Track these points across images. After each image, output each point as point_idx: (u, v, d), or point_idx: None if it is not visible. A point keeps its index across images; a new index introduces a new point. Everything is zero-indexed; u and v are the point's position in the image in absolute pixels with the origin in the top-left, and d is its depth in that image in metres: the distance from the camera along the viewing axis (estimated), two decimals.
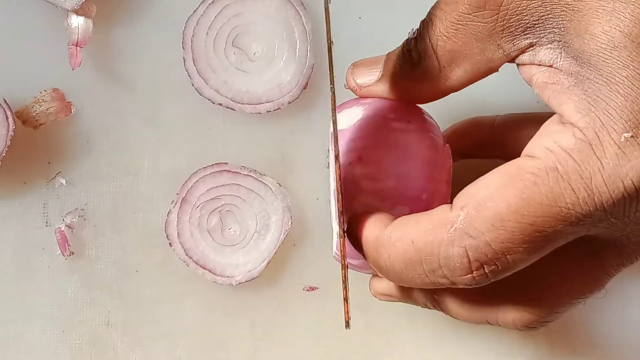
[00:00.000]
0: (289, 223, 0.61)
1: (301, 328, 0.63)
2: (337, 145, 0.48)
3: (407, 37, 0.50)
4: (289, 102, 0.62)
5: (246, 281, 0.61)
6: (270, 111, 0.62)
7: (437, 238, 0.44)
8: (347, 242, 0.50)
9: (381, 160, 0.51)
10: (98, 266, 0.62)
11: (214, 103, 0.62)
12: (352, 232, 0.50)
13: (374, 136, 0.52)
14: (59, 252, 0.61)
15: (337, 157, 0.48)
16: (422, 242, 0.45)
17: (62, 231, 0.61)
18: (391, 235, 0.47)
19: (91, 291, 0.62)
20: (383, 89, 0.52)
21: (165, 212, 0.61)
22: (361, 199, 0.50)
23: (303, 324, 0.63)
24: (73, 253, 0.61)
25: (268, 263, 0.61)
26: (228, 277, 0.61)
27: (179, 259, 0.61)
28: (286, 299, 0.63)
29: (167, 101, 0.62)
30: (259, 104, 0.62)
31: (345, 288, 0.47)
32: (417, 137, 0.51)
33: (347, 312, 0.47)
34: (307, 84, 0.62)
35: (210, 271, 0.61)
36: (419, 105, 0.53)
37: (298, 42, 0.62)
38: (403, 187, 0.50)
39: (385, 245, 0.47)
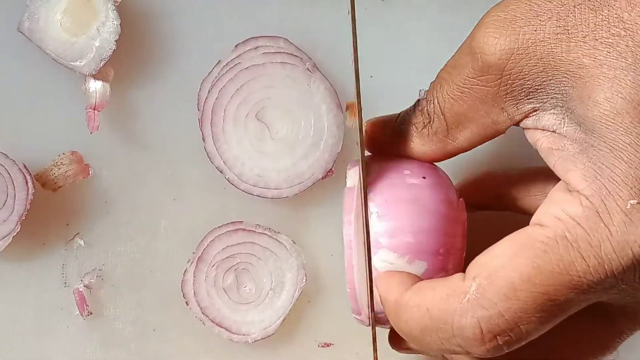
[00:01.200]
0: (304, 280, 0.62)
1: None
2: (366, 199, 0.49)
3: (417, 98, 0.51)
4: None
5: (262, 339, 0.61)
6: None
7: (450, 307, 0.45)
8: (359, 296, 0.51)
9: (399, 216, 0.52)
10: (116, 326, 0.63)
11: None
12: (378, 291, 0.50)
13: (391, 192, 0.52)
14: (78, 312, 0.62)
15: (365, 210, 0.49)
16: (437, 311, 0.45)
17: (81, 292, 0.62)
18: (409, 301, 0.47)
19: (110, 350, 0.63)
20: (396, 147, 0.53)
21: (182, 270, 0.62)
22: (380, 255, 0.51)
23: None
24: (91, 313, 0.62)
25: (283, 320, 0.62)
26: (244, 334, 0.62)
27: (196, 317, 0.62)
28: (302, 355, 0.63)
29: (183, 161, 0.64)
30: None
31: (374, 341, 0.48)
32: (432, 192, 0.52)
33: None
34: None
35: (226, 329, 0.62)
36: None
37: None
38: (421, 243, 0.51)
39: (404, 310, 0.47)
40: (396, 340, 0.57)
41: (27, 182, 0.60)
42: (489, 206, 0.61)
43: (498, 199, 0.59)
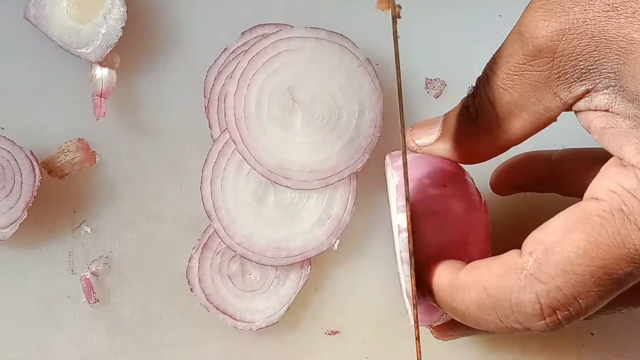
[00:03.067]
0: (309, 268, 0.62)
1: None
2: (408, 189, 0.49)
3: (465, 95, 0.51)
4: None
5: (266, 326, 0.61)
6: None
7: (508, 284, 0.45)
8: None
9: (420, 230, 0.52)
10: (123, 313, 0.63)
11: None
12: (421, 279, 0.50)
13: (412, 205, 0.53)
14: (84, 299, 0.62)
15: (407, 200, 0.49)
16: (494, 288, 0.46)
17: (88, 279, 0.62)
18: (464, 280, 0.47)
19: (116, 338, 0.63)
20: (442, 147, 0.53)
21: (188, 258, 0.62)
22: (404, 269, 0.51)
23: None
24: (98, 300, 0.62)
25: (288, 308, 0.62)
26: (248, 322, 0.62)
27: (200, 304, 0.62)
28: (308, 343, 0.63)
29: (189, 149, 0.64)
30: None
31: (417, 327, 0.48)
32: (453, 201, 0.52)
33: (419, 352, 0.48)
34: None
35: (230, 316, 0.62)
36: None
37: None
38: (444, 254, 0.51)
39: (459, 290, 0.47)
40: (438, 327, 0.57)
41: (34, 169, 0.60)
42: (532, 188, 0.60)
43: (541, 180, 0.59)
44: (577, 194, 0.54)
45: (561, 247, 0.43)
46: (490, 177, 0.61)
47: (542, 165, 0.59)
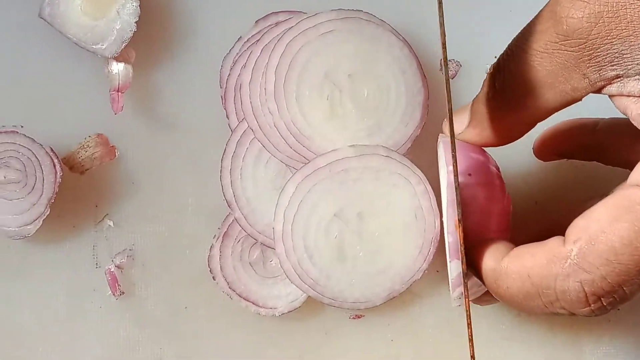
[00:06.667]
0: None
1: (349, 356, 0.63)
2: (456, 166, 0.49)
3: (486, 74, 0.51)
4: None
5: (289, 312, 0.62)
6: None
7: (552, 272, 0.45)
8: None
9: (444, 217, 0.53)
10: (148, 304, 0.63)
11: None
12: (471, 263, 0.51)
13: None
14: (110, 292, 0.63)
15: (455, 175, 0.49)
16: (538, 276, 0.46)
17: (112, 272, 0.63)
18: (508, 268, 0.48)
19: (143, 329, 0.63)
20: (473, 133, 0.53)
21: (209, 247, 0.62)
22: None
23: (351, 352, 0.63)
24: (123, 293, 0.63)
25: None
26: (271, 308, 0.62)
27: (223, 292, 0.62)
28: (333, 327, 0.63)
29: (208, 139, 0.64)
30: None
31: (470, 326, 0.48)
32: (477, 190, 0.53)
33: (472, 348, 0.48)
34: None
35: (253, 303, 0.62)
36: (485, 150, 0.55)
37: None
38: (465, 242, 0.51)
39: (503, 278, 0.48)
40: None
41: (54, 166, 0.61)
42: (575, 155, 0.60)
43: (584, 149, 0.59)
44: (620, 164, 0.54)
45: (605, 236, 0.43)
46: (534, 142, 0.61)
47: (587, 134, 0.58)
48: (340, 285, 0.59)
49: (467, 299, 0.49)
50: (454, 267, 0.52)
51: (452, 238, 0.52)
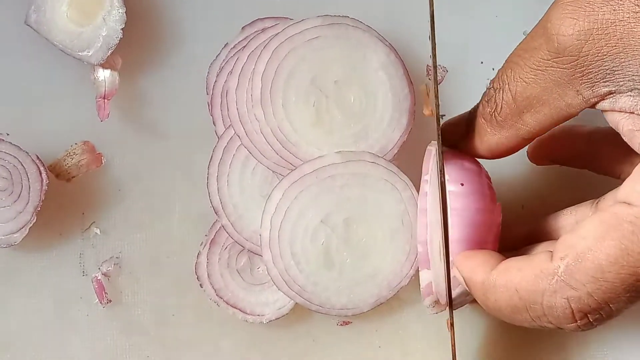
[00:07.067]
0: None
1: None
2: (444, 179, 0.49)
3: (485, 89, 0.51)
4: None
5: (276, 319, 0.61)
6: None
7: (539, 288, 0.46)
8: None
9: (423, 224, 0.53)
10: (135, 312, 0.63)
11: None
12: (460, 274, 0.51)
13: (430, 200, 0.54)
14: (97, 300, 0.63)
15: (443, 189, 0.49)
16: (526, 291, 0.46)
17: (99, 280, 0.63)
18: (496, 281, 0.48)
19: (130, 337, 0.63)
20: (467, 144, 0.53)
21: (197, 254, 0.62)
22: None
23: (339, 358, 0.63)
24: (110, 301, 0.63)
25: None
26: (258, 315, 0.62)
27: (210, 299, 0.62)
28: (320, 334, 0.63)
29: (195, 146, 0.64)
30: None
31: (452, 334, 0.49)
32: (468, 201, 0.53)
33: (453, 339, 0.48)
34: None
35: (240, 310, 0.62)
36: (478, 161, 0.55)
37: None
38: (451, 252, 0.52)
39: (492, 291, 0.48)
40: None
41: (40, 173, 0.61)
42: (568, 162, 0.60)
43: (578, 156, 0.59)
44: (611, 174, 0.54)
45: (592, 254, 0.44)
46: (529, 147, 0.60)
47: (581, 142, 0.58)
48: (328, 292, 0.59)
49: (451, 309, 0.49)
50: (424, 276, 0.54)
51: (422, 248, 0.53)
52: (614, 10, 0.43)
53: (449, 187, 0.53)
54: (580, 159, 0.59)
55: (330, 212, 0.58)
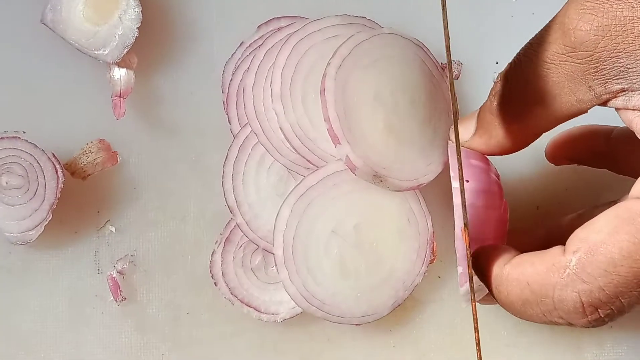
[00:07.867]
0: None
1: None
2: (462, 179, 0.49)
3: (493, 83, 0.51)
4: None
5: (290, 317, 0.61)
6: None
7: (551, 281, 0.45)
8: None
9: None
10: (150, 310, 0.63)
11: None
12: (477, 267, 0.51)
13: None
14: (112, 298, 0.63)
15: (462, 191, 0.49)
16: (537, 285, 0.46)
17: (114, 278, 0.63)
18: (509, 275, 0.48)
19: (144, 335, 0.63)
20: (478, 141, 0.53)
21: (211, 253, 0.62)
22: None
23: (353, 358, 0.63)
24: (125, 299, 0.63)
25: None
26: (273, 314, 0.62)
27: (225, 298, 0.62)
28: (334, 334, 0.63)
29: (210, 145, 0.64)
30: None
31: (477, 330, 0.48)
32: (475, 197, 0.53)
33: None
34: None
35: (255, 309, 0.62)
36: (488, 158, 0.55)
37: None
38: (457, 249, 0.52)
39: (504, 284, 0.48)
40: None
41: (56, 171, 0.61)
42: (586, 162, 0.60)
43: (597, 156, 0.59)
44: (631, 174, 0.54)
45: (605, 247, 0.43)
46: (547, 146, 0.61)
47: (601, 141, 0.58)
48: (348, 301, 0.58)
49: (474, 304, 0.49)
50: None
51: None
52: (632, 7, 0.43)
53: (454, 184, 0.52)
54: (599, 158, 0.59)
55: (340, 220, 0.58)
